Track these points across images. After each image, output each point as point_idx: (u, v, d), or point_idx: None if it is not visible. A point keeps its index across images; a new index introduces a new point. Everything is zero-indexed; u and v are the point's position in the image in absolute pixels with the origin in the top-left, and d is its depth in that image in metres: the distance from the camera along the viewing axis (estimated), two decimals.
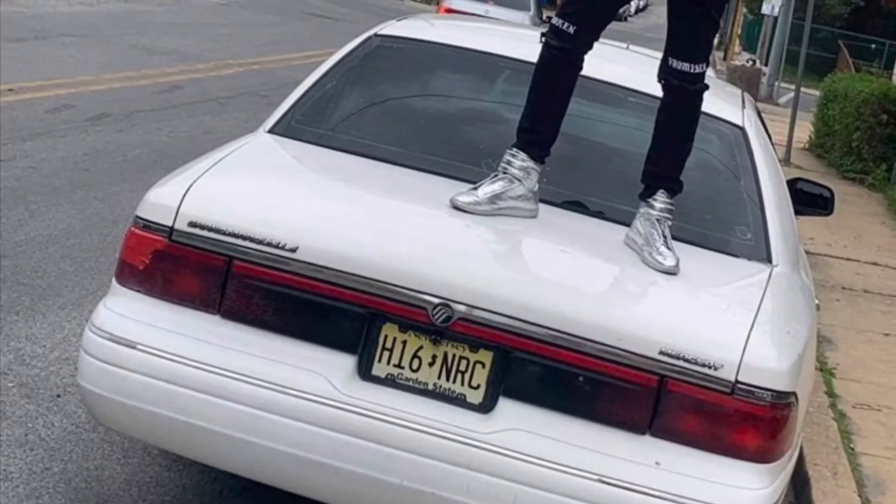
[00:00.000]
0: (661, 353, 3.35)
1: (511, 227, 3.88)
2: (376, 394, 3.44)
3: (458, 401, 3.45)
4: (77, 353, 3.81)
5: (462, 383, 3.45)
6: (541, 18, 26.35)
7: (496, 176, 3.96)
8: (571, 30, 4.01)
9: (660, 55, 4.16)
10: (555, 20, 4.07)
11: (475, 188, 3.91)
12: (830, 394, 6.83)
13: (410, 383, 3.47)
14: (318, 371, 3.45)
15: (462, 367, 3.46)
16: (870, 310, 9.22)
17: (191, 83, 13.54)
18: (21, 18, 15.93)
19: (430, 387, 3.46)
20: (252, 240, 3.50)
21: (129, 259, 3.63)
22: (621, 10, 4.77)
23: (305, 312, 3.51)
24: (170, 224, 3.56)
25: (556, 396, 3.42)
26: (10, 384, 4.94)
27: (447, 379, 3.46)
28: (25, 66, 12.26)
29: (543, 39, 4.08)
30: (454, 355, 3.46)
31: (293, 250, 3.48)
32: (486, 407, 3.44)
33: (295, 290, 3.49)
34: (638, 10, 74.38)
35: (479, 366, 3.45)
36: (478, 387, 3.45)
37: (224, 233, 3.52)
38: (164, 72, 13.94)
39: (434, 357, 3.46)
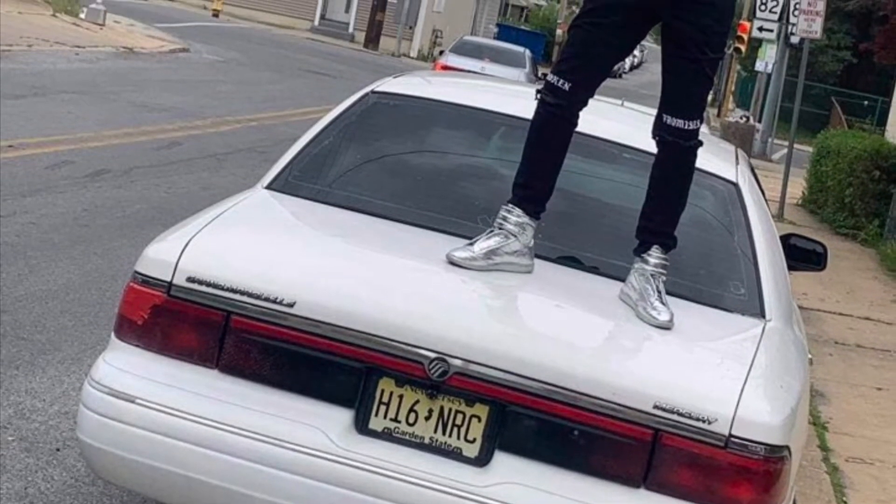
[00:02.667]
0: (656, 407, 3.38)
1: (507, 282, 3.92)
2: (373, 448, 3.46)
3: (455, 454, 3.47)
4: (76, 407, 3.84)
5: (458, 437, 3.48)
6: (536, 75, 26.54)
7: (492, 231, 4.00)
8: (567, 87, 4.06)
9: (654, 112, 4.20)
10: (550, 77, 4.12)
11: (471, 244, 3.95)
12: (823, 447, 6.84)
13: (407, 437, 3.49)
14: (316, 425, 3.47)
15: (458, 421, 3.48)
16: (862, 364, 9.26)
17: (189, 139, 13.62)
18: (21, 75, 16.04)
19: (427, 441, 3.48)
20: (250, 295, 3.54)
21: (127, 314, 3.66)
22: (616, 67, 4.81)
23: (303, 367, 3.53)
24: (168, 279, 3.60)
25: (552, 450, 3.44)
26: (10, 438, 4.95)
27: (443, 433, 3.48)
28: (25, 122, 12.34)
29: (539, 96, 4.13)
30: (450, 409, 3.48)
31: (291, 305, 3.51)
32: (482, 460, 3.46)
33: (292, 345, 3.52)
34: (632, 67, 74.78)
35: (475, 420, 3.47)
36: (474, 440, 3.47)
37: (222, 288, 3.55)
38: (162, 128, 14.03)
39: (430, 411, 3.49)
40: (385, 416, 3.50)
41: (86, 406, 3.64)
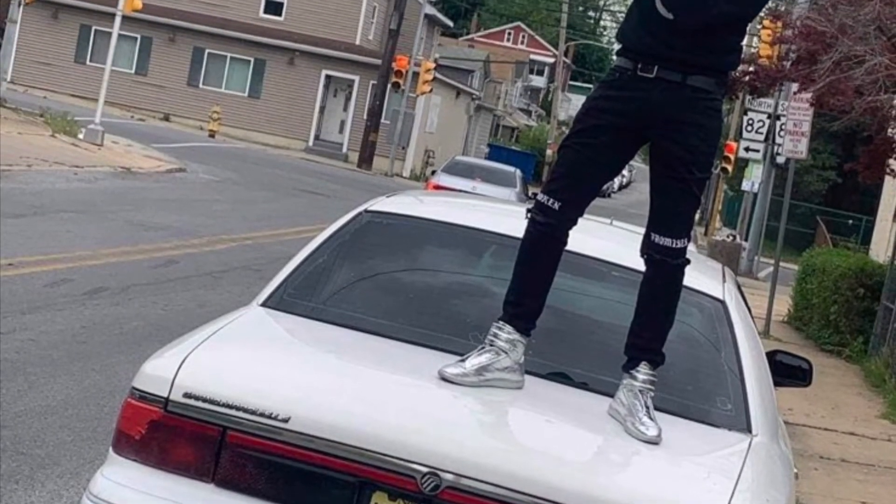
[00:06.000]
0: None
1: (497, 398, 3.98)
2: None
3: None
4: None
5: None
6: (526, 195, 26.77)
7: (483, 348, 4.06)
8: (556, 206, 4.14)
9: (642, 230, 4.28)
10: (540, 196, 4.20)
11: (463, 360, 4.01)
12: None
13: None
14: None
15: None
16: (847, 479, 9.28)
17: (186, 258, 13.73)
18: (20, 194, 16.19)
19: None
20: (245, 410, 3.60)
21: (125, 429, 3.72)
22: (605, 187, 4.92)
23: (298, 481, 3.58)
24: (165, 395, 3.66)
25: None
26: None
27: None
28: (25, 241, 12.45)
29: (529, 215, 4.21)
30: None
31: (285, 421, 3.57)
32: None
33: (287, 460, 3.58)
34: (621, 187, 75.46)
35: None
36: None
37: (218, 403, 3.62)
38: (159, 246, 14.14)
39: None
40: None
41: None
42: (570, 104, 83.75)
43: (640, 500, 3.47)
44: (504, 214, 5.42)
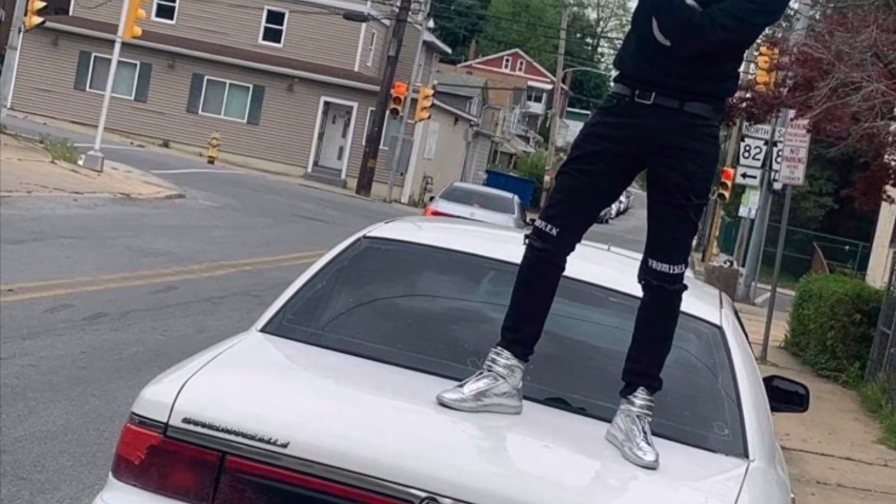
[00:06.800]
0: None
1: (496, 423, 3.99)
2: None
3: None
4: None
5: None
6: (524, 221, 26.81)
7: (481, 374, 4.08)
8: (554, 232, 4.17)
9: (640, 256, 4.30)
10: (538, 222, 4.22)
11: (461, 385, 4.03)
12: None
13: None
14: None
15: None
16: None
17: (185, 283, 13.75)
18: (20, 220, 16.22)
19: None
20: (244, 435, 3.61)
21: (125, 454, 3.73)
22: (602, 213, 4.93)
23: None
24: (165, 420, 3.68)
25: None
26: None
27: None
28: (25, 266, 12.48)
29: (527, 241, 4.23)
30: None
31: (284, 446, 3.59)
32: None
33: (286, 485, 3.59)
34: (619, 213, 75.56)
35: None
36: None
37: (217, 429, 3.63)
38: (159, 272, 14.17)
39: None
40: None
41: None
42: (568, 130, 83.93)
43: None
44: (502, 240, 5.44)
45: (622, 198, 62.21)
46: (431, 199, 32.34)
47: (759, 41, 21.09)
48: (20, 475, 6.16)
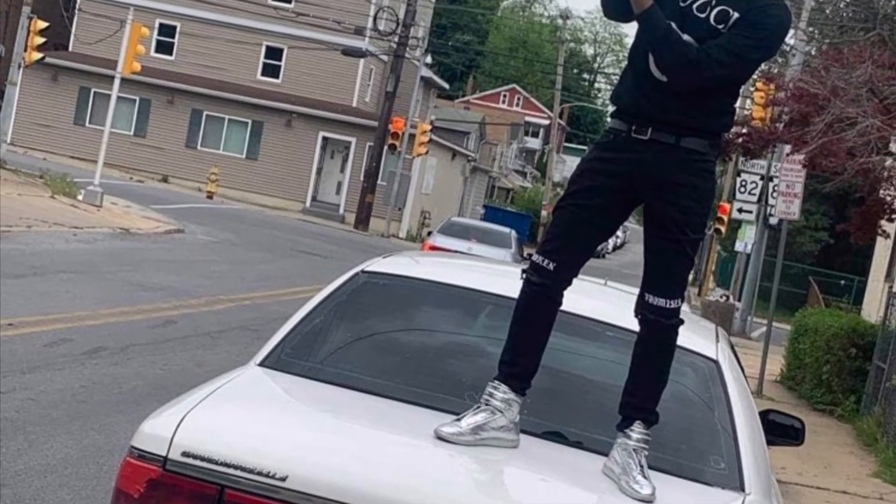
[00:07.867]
0: None
1: (493, 456, 4.01)
2: None
3: None
4: None
5: None
6: (522, 255, 26.85)
7: (479, 408, 4.09)
8: (551, 266, 4.19)
9: (636, 291, 4.32)
10: (535, 257, 4.24)
11: (459, 419, 4.04)
12: None
13: None
14: None
15: None
16: None
17: (184, 318, 13.77)
18: (20, 255, 16.25)
19: None
20: (243, 469, 3.63)
21: (124, 487, 3.74)
22: (599, 248, 4.95)
23: None
24: (164, 454, 3.69)
25: None
26: None
27: None
28: (24, 301, 12.50)
29: (524, 276, 4.25)
30: None
31: (283, 479, 3.60)
32: None
33: None
34: (615, 248, 75.65)
35: None
36: None
37: (216, 462, 3.65)
38: (158, 307, 14.19)
39: None
40: None
41: None
42: (565, 165, 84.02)
43: None
44: (499, 275, 5.46)
45: (619, 232, 62.27)
46: (429, 233, 32.38)
47: (755, 77, 21.20)
48: None
